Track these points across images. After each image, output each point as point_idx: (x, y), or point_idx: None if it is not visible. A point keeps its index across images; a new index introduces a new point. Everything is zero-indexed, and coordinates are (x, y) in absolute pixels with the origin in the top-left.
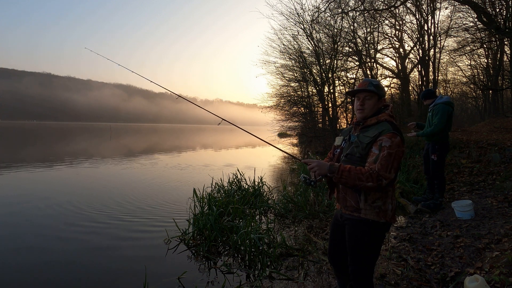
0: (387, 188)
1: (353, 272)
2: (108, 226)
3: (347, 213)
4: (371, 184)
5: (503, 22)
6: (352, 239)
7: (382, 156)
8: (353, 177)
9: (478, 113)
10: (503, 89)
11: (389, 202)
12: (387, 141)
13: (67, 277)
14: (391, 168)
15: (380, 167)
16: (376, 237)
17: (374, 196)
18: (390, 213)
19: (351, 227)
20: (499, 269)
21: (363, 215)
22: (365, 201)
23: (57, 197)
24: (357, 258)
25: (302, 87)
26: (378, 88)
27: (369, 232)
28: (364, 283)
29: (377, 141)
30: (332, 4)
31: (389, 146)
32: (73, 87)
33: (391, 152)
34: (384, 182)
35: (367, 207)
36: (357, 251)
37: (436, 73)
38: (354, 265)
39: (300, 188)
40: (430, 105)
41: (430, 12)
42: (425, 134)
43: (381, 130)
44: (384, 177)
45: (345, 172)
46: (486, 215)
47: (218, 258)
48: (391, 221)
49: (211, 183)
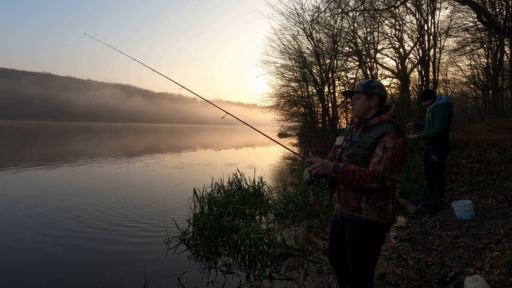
0: (388, 188)
1: (354, 272)
2: (108, 226)
3: (348, 213)
4: (376, 185)
5: (503, 22)
6: (353, 240)
7: (387, 158)
8: (358, 178)
9: (478, 113)
10: (503, 89)
11: (390, 202)
12: (391, 142)
13: (66, 277)
14: (395, 169)
15: (385, 168)
16: (377, 238)
17: (376, 197)
18: (391, 214)
19: (352, 228)
20: (499, 269)
21: (364, 215)
22: (367, 202)
23: (57, 197)
24: (357, 258)
25: (302, 87)
26: (365, 87)
27: (370, 233)
28: (364, 283)
29: (381, 142)
30: (332, 4)
31: (393, 147)
32: (73, 87)
33: (395, 153)
34: (388, 183)
35: (369, 207)
36: (357, 251)
37: (436, 73)
38: (354, 265)
39: (300, 188)
40: (429, 106)
41: (430, 12)
42: (426, 137)
43: (384, 130)
44: (389, 178)
45: (349, 173)
46: (486, 215)
47: (218, 258)
48: (391, 221)
49: (211, 183)
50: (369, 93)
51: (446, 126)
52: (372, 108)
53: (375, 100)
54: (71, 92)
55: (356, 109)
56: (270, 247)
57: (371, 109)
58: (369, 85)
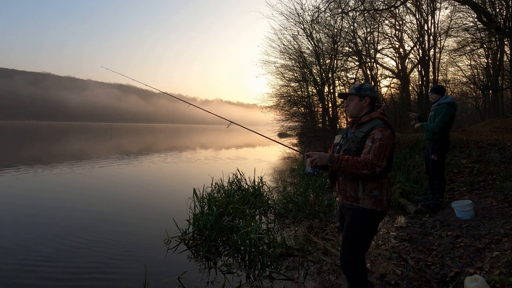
0: (382, 180)
1: (343, 256)
2: (108, 226)
3: (347, 203)
4: (366, 171)
5: (503, 22)
6: (348, 225)
7: (375, 147)
8: (351, 165)
9: (478, 113)
10: (503, 89)
11: (384, 193)
12: (379, 134)
13: (67, 277)
14: (383, 157)
15: (373, 156)
16: (371, 225)
17: (371, 186)
18: (385, 203)
19: (351, 216)
20: (499, 269)
21: (362, 204)
22: (363, 191)
23: (57, 197)
24: (349, 242)
25: (302, 87)
26: (358, 90)
27: (367, 220)
28: (354, 268)
29: (370, 134)
30: (332, 4)
31: (381, 138)
32: (73, 87)
33: (382, 143)
34: (377, 169)
35: (365, 196)
36: (350, 236)
37: (436, 73)
38: (344, 249)
39: (300, 188)
40: (433, 103)
41: (430, 12)
42: (426, 127)
43: (373, 125)
44: (377, 165)
45: (343, 162)
46: (486, 215)
47: (218, 258)
48: (386, 210)
49: (211, 183)
50: (361, 95)
51: (445, 125)
52: (365, 108)
53: (367, 101)
54: (71, 92)
55: (350, 109)
56: (270, 247)
57: (363, 109)
58: (361, 87)
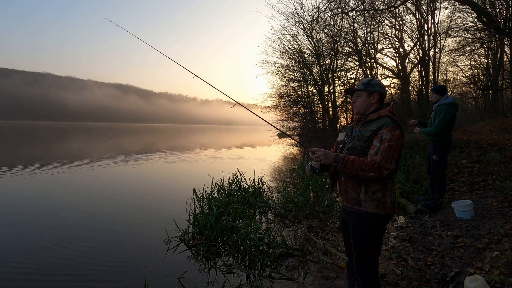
0: (386, 181)
1: (357, 263)
2: (108, 226)
3: (348, 205)
4: (373, 174)
5: (503, 22)
6: (355, 232)
7: (383, 148)
8: (356, 167)
9: (478, 113)
10: (503, 89)
11: (388, 195)
12: (387, 134)
13: (67, 277)
14: (392, 159)
15: (381, 158)
16: (377, 230)
17: (374, 188)
18: (389, 206)
19: (353, 221)
20: (499, 269)
21: (363, 207)
22: (366, 193)
23: (56, 197)
24: (360, 250)
25: (302, 87)
26: (366, 85)
27: (371, 226)
28: (368, 274)
29: (378, 134)
30: (332, 4)
31: (389, 138)
32: (73, 87)
33: (391, 144)
34: (385, 172)
35: (367, 198)
36: (359, 243)
37: (436, 73)
38: (357, 256)
39: (300, 188)
40: (434, 104)
41: (430, 12)
42: (426, 133)
43: (381, 124)
44: (385, 167)
45: (349, 162)
46: (486, 215)
47: (218, 258)
48: (390, 213)
49: (211, 183)
50: (370, 91)
51: (445, 126)
52: (373, 105)
53: (375, 97)
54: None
55: (357, 106)
56: (270, 247)
57: (371, 106)
58: (370, 83)
